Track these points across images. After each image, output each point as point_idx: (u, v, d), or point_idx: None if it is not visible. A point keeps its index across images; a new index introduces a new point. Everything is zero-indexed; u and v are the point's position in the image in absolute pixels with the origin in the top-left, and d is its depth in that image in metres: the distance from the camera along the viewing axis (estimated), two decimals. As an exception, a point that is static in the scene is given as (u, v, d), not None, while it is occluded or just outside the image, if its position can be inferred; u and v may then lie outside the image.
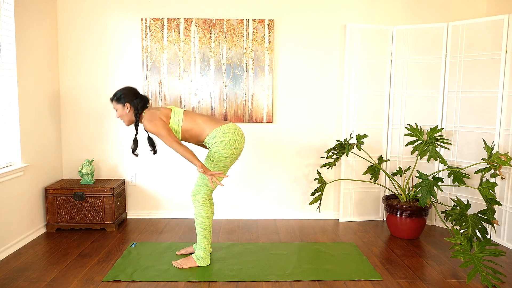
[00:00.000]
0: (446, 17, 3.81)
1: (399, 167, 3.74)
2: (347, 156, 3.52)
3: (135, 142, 2.83)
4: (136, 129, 2.83)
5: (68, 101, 3.84)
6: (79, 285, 2.55)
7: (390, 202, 3.52)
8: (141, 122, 2.78)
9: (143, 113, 2.77)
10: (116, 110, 2.78)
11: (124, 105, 2.75)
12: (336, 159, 3.63)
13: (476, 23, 3.44)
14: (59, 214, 3.52)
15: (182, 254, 3.03)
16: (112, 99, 2.79)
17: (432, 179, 3.18)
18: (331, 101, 3.92)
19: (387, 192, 3.92)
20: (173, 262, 2.85)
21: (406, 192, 3.57)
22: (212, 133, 2.72)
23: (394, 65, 3.81)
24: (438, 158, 3.39)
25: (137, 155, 2.84)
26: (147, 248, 3.16)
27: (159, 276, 2.68)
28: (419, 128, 3.54)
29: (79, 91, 3.84)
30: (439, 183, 3.59)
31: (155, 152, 2.87)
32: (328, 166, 3.66)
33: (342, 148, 3.57)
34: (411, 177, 3.66)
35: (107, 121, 3.88)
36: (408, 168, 3.76)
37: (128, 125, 2.82)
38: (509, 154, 3.21)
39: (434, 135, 3.46)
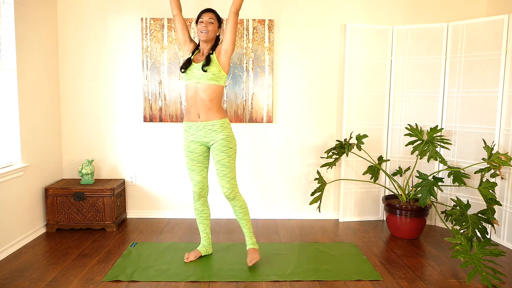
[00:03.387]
0: (446, 17, 3.81)
1: (399, 167, 3.74)
2: (347, 156, 3.52)
3: (189, 61, 2.77)
4: (197, 49, 2.81)
5: (68, 101, 3.84)
6: (79, 285, 2.55)
7: (390, 202, 3.52)
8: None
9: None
10: (211, 23, 2.71)
11: (219, 27, 2.78)
12: (336, 159, 3.63)
13: (476, 23, 3.44)
14: (59, 214, 3.52)
15: (191, 260, 2.92)
16: (211, 10, 2.76)
17: (432, 179, 3.18)
18: (331, 101, 3.92)
19: (387, 192, 3.92)
20: (249, 264, 2.79)
21: (406, 192, 3.57)
22: (226, 120, 2.79)
23: (394, 65, 3.81)
24: (438, 158, 3.39)
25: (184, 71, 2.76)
26: (147, 248, 3.16)
27: (159, 276, 2.68)
28: (419, 128, 3.54)
29: (79, 91, 3.84)
30: (439, 183, 3.59)
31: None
32: (328, 166, 3.66)
33: (342, 148, 3.57)
34: (411, 177, 3.66)
35: (107, 121, 3.88)
36: (408, 168, 3.76)
37: (206, 39, 2.73)
38: (509, 154, 3.21)
39: (434, 135, 3.46)
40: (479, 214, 2.92)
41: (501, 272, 2.62)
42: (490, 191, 2.95)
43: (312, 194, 3.59)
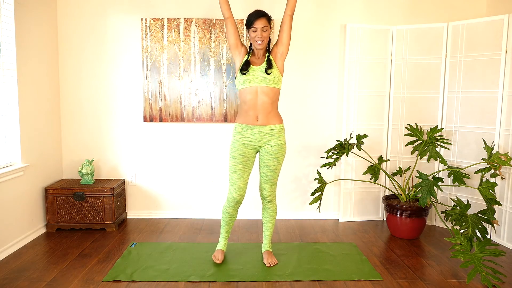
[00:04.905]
0: (446, 17, 3.81)
1: (399, 167, 3.75)
2: (347, 156, 3.52)
3: (248, 63, 2.70)
4: (250, 52, 2.75)
5: (68, 101, 3.84)
6: (79, 285, 2.55)
7: (390, 202, 3.52)
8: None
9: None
10: (265, 30, 2.64)
11: (271, 27, 2.72)
12: (336, 159, 3.63)
13: (476, 23, 3.44)
14: (59, 214, 3.52)
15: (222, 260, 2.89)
16: (264, 15, 2.64)
17: (432, 179, 3.18)
18: (331, 101, 3.92)
19: (387, 192, 3.92)
20: (267, 265, 2.83)
21: (406, 192, 3.57)
22: (284, 126, 2.82)
23: (394, 65, 3.81)
24: (438, 158, 3.39)
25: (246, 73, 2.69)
26: (147, 248, 3.16)
27: (159, 276, 2.68)
28: (419, 128, 3.54)
29: (79, 91, 3.84)
30: (439, 183, 3.59)
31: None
32: (328, 166, 3.66)
33: (342, 148, 3.57)
34: (411, 177, 3.66)
35: (107, 121, 3.88)
36: (408, 168, 3.76)
37: (262, 48, 2.68)
38: (509, 154, 3.21)
39: (434, 135, 3.46)
40: (479, 214, 2.92)
41: (501, 272, 2.63)
42: (490, 191, 2.94)
43: (312, 194, 3.59)
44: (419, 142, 3.52)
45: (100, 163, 3.92)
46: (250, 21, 2.64)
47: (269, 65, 2.68)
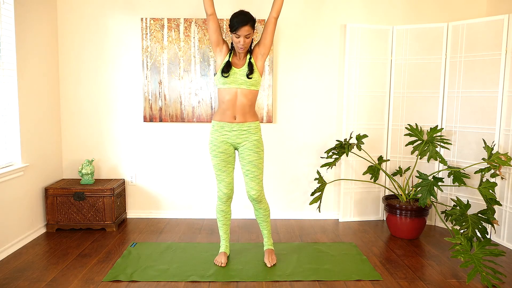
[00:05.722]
0: (446, 17, 3.81)
1: (399, 167, 3.75)
2: (347, 156, 3.52)
3: (229, 65, 2.69)
4: (231, 51, 2.73)
5: (68, 101, 3.84)
6: (79, 285, 2.55)
7: (390, 202, 3.52)
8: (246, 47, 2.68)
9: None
10: (247, 37, 2.60)
11: (254, 30, 2.66)
12: (336, 159, 3.63)
13: (476, 23, 3.44)
14: (59, 214, 3.52)
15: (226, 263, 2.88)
16: (248, 22, 2.56)
17: (432, 179, 3.18)
18: (331, 101, 3.92)
19: (387, 192, 3.92)
20: (269, 265, 2.83)
21: (406, 192, 3.57)
22: (259, 123, 2.87)
23: (394, 65, 3.81)
24: (438, 158, 3.39)
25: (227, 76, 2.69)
26: (147, 248, 3.16)
27: (159, 276, 2.68)
28: (419, 128, 3.54)
29: (79, 91, 3.84)
30: (439, 183, 3.59)
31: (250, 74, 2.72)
32: (328, 166, 3.66)
33: (342, 148, 3.57)
34: (411, 177, 3.66)
35: (107, 121, 3.88)
36: (408, 168, 3.76)
37: (244, 52, 2.69)
38: (509, 154, 3.21)
39: (434, 135, 3.46)
40: (479, 214, 2.92)
41: (501, 272, 2.63)
42: (490, 191, 2.94)
43: (312, 194, 3.59)
44: (419, 142, 3.52)
45: (100, 163, 3.92)
46: (234, 27, 2.58)
47: (251, 70, 2.69)
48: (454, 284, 2.61)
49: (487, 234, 3.25)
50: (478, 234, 3.21)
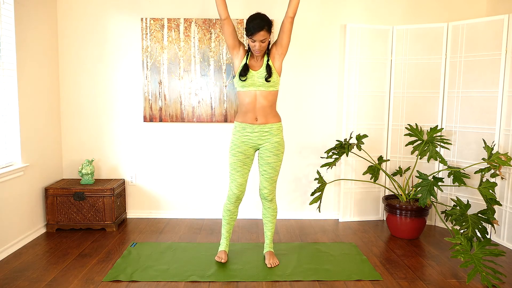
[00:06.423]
0: (446, 17, 3.81)
1: (399, 167, 3.74)
2: (347, 156, 3.52)
3: (247, 68, 2.69)
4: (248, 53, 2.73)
5: (68, 101, 3.84)
6: (79, 285, 2.55)
7: (390, 202, 3.52)
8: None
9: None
10: (263, 42, 2.58)
11: (270, 33, 2.62)
12: (336, 159, 3.63)
13: (476, 23, 3.44)
14: (59, 214, 3.52)
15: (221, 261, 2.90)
16: (263, 27, 2.53)
17: (432, 179, 3.18)
18: (331, 101, 3.92)
19: (387, 192, 3.92)
20: (268, 265, 2.84)
21: (406, 192, 3.57)
22: (282, 124, 2.87)
23: (394, 65, 3.81)
24: (438, 158, 3.39)
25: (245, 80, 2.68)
26: (147, 248, 3.16)
27: (159, 276, 2.68)
28: (419, 128, 3.54)
29: (79, 91, 3.84)
30: (439, 183, 3.59)
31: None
32: (328, 166, 3.66)
33: (342, 148, 3.57)
34: (411, 177, 3.66)
35: (107, 121, 3.88)
36: (408, 168, 3.76)
37: (260, 55, 2.68)
38: (509, 154, 3.21)
39: (434, 135, 3.46)
40: (479, 214, 2.92)
41: (501, 272, 2.63)
42: (490, 191, 2.94)
43: (312, 194, 3.59)
44: (419, 142, 3.52)
45: (100, 163, 3.92)
46: (249, 31, 2.57)
47: (269, 73, 2.67)
48: (454, 284, 2.61)
49: (487, 234, 3.25)
50: (478, 234, 3.21)
